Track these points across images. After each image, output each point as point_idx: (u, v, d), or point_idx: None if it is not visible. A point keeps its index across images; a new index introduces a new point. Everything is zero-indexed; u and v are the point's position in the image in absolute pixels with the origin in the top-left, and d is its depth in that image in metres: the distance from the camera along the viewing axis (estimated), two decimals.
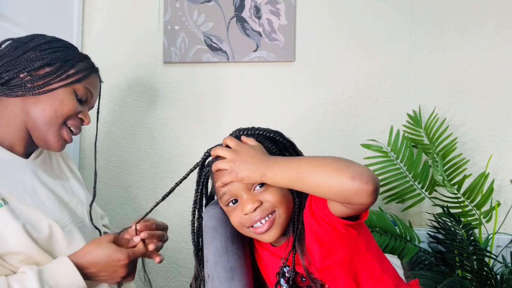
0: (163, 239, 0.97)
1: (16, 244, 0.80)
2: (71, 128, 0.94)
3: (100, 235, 1.03)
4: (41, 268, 0.80)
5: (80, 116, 0.95)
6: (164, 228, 0.99)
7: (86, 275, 0.84)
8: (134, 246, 0.90)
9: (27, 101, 0.89)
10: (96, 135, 1.11)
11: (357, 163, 0.65)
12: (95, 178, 1.07)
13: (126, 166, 1.69)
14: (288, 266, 0.77)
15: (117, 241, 0.89)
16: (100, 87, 1.04)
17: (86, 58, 0.98)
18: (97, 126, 1.12)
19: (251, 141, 0.78)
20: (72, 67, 0.92)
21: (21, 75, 0.89)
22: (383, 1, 1.54)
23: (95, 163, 1.10)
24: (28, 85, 0.88)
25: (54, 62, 0.90)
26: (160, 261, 0.93)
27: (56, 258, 0.84)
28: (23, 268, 0.79)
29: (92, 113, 1.02)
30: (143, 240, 0.92)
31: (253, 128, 0.82)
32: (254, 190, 0.75)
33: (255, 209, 0.74)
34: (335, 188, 0.63)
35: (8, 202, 0.82)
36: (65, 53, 0.93)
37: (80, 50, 1.04)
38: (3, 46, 0.92)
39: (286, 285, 0.80)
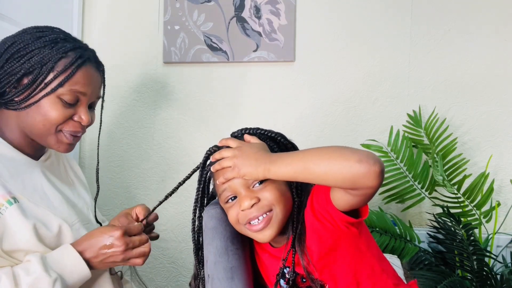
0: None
1: (25, 242, 0.81)
2: (68, 133, 0.90)
3: None
4: (44, 255, 0.81)
5: (75, 118, 0.89)
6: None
7: (87, 261, 0.83)
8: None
9: (19, 114, 0.87)
10: (100, 128, 1.02)
11: (359, 149, 0.67)
12: (97, 173, 1.04)
13: (126, 166, 1.69)
14: (288, 267, 0.77)
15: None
16: (103, 72, 0.95)
17: (71, 50, 0.86)
18: (101, 118, 0.99)
19: (254, 139, 0.79)
20: (50, 70, 0.84)
21: (7, 89, 0.85)
22: (383, 1, 1.54)
23: (98, 157, 1.05)
24: (16, 99, 0.85)
25: (32, 70, 0.84)
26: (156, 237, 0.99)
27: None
28: (27, 256, 0.80)
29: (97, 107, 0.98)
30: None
31: (256, 128, 0.83)
32: (253, 187, 0.75)
33: (252, 206, 0.74)
34: (343, 172, 0.64)
35: (19, 201, 0.83)
36: (42, 56, 0.84)
37: None
38: None
39: (286, 286, 0.80)
